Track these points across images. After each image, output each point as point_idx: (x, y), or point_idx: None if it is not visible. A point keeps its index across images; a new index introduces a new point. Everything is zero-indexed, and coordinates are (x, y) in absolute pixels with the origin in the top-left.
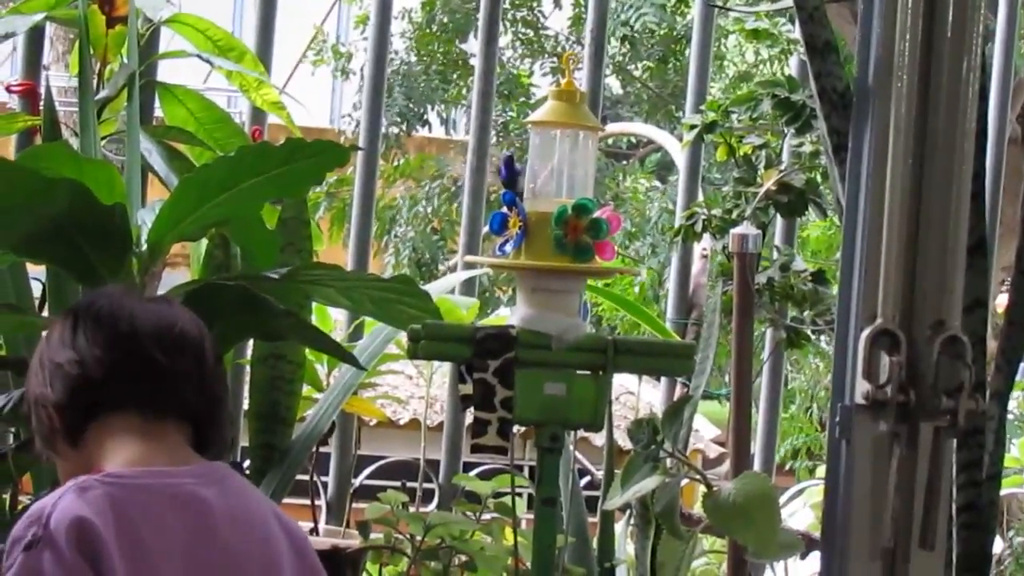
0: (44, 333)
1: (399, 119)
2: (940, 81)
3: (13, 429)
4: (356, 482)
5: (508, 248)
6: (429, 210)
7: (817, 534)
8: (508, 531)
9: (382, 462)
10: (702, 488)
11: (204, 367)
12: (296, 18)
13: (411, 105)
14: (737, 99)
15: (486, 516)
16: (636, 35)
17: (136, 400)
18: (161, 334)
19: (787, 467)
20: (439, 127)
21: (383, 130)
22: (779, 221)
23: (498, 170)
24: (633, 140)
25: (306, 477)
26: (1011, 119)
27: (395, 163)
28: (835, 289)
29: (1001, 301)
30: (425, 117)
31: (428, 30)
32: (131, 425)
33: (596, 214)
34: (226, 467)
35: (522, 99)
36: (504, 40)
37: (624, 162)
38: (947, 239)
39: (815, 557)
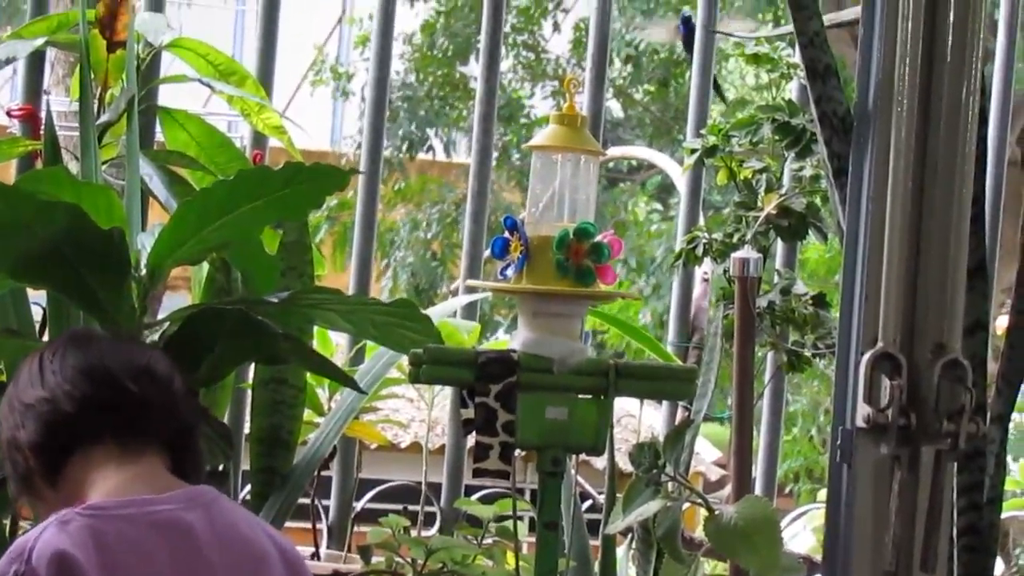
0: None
1: (401, 142)
2: (940, 104)
3: None
4: (358, 506)
5: (510, 272)
6: (429, 235)
7: (819, 557)
8: (510, 555)
9: (384, 486)
10: (704, 511)
11: (175, 397)
12: (297, 38)
13: (414, 129)
14: (738, 123)
15: (488, 540)
16: (640, 55)
17: (112, 430)
18: (130, 366)
19: (788, 489)
20: (445, 151)
21: (385, 153)
22: (780, 245)
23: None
24: (634, 163)
25: (308, 501)
26: (1011, 141)
27: (396, 187)
28: (836, 312)
29: (1001, 323)
30: (428, 142)
31: (429, 53)
32: (109, 456)
33: (598, 238)
34: (213, 490)
35: (523, 121)
36: (505, 63)
37: (624, 184)
38: (947, 262)
39: None
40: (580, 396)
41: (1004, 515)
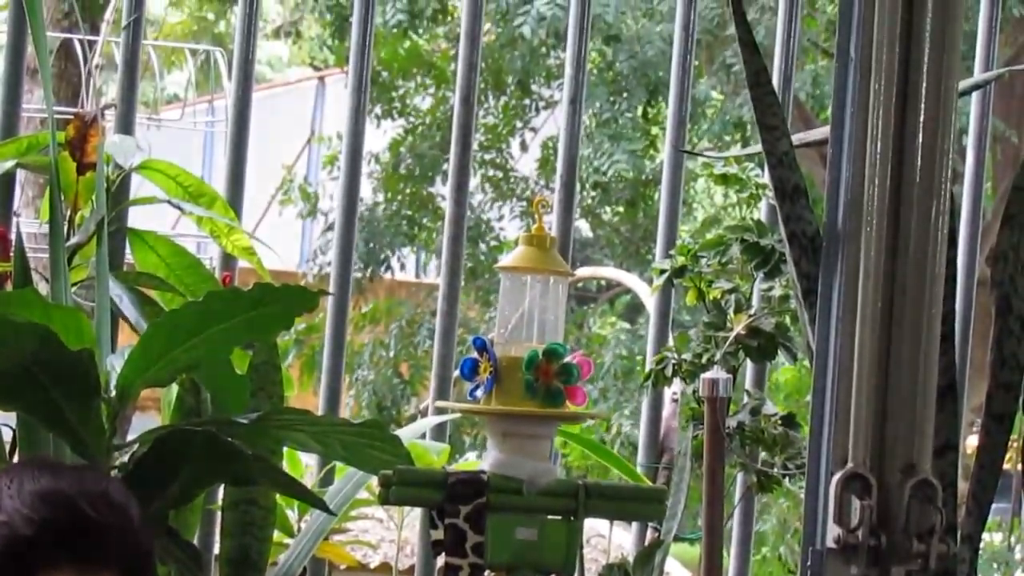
0: None
1: (362, 263)
2: (909, 225)
3: None
4: None
5: (479, 393)
6: (391, 354)
7: None
8: None
9: None
10: None
11: (132, 524)
12: (266, 157)
13: (374, 248)
14: (706, 244)
15: None
16: (609, 182)
17: (70, 555)
18: (88, 492)
19: None
20: (401, 270)
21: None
22: (749, 365)
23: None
24: (603, 282)
25: None
26: (980, 261)
27: (361, 310)
28: (805, 432)
29: (971, 442)
30: (388, 262)
31: (396, 172)
32: None
33: (567, 359)
34: None
35: (492, 243)
36: (472, 181)
37: (592, 304)
38: (918, 383)
39: None
40: (550, 517)
41: None
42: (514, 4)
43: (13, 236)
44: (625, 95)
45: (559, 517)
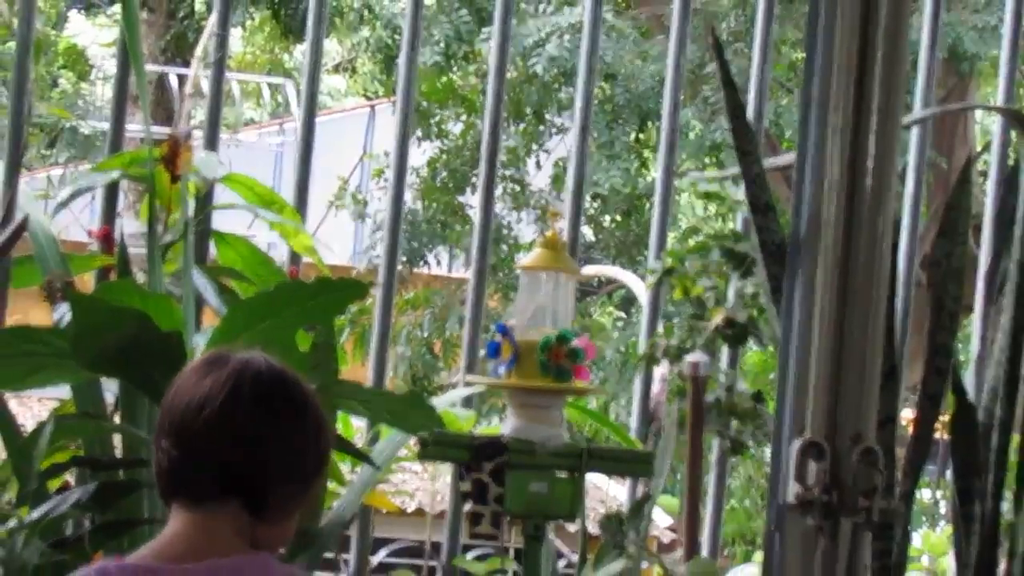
0: None
1: (404, 258)
2: (859, 236)
3: (90, 516)
4: (374, 560)
5: (502, 370)
6: (425, 334)
7: None
8: None
9: (394, 546)
10: (658, 570)
11: (245, 442)
12: (325, 171)
13: (416, 247)
14: (692, 249)
15: None
16: (607, 195)
17: (173, 493)
18: (186, 415)
19: (725, 552)
20: (437, 266)
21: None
22: (725, 349)
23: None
24: (602, 279)
25: (332, 555)
26: (916, 267)
27: (404, 296)
28: (771, 407)
29: (906, 415)
30: (425, 258)
31: (433, 183)
32: (176, 513)
33: (574, 343)
34: (266, 559)
35: (511, 243)
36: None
37: (592, 297)
38: (865, 366)
39: None
40: (558, 473)
41: None
42: (529, 47)
43: (117, 235)
44: (621, 122)
45: (566, 474)
